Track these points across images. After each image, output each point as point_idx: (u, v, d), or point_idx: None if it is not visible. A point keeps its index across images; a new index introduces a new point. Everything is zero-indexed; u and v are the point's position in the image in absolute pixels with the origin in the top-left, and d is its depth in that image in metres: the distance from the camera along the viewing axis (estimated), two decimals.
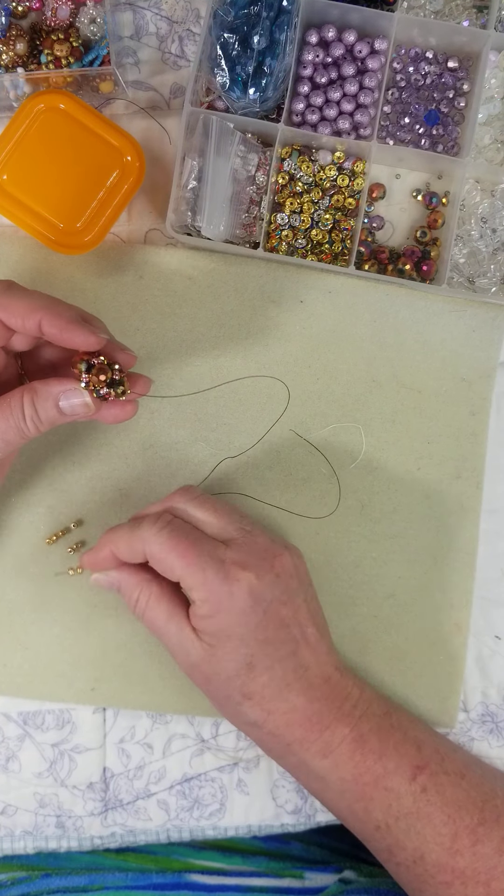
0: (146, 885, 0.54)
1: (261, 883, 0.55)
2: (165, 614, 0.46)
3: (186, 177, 0.52)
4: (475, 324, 0.55)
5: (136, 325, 0.55)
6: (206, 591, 0.44)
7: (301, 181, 0.55)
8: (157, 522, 0.45)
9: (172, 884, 0.54)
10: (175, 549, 0.44)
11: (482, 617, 0.56)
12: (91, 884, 0.54)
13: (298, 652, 0.46)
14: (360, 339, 0.55)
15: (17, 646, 0.54)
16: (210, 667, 0.45)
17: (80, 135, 0.50)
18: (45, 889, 0.53)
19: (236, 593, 0.44)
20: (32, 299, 0.42)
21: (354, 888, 0.53)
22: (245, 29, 0.51)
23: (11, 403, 0.43)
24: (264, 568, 0.45)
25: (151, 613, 0.46)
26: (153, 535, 0.45)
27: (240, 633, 0.44)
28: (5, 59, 0.53)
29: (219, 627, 0.44)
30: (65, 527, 0.55)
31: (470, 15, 0.54)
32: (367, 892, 0.52)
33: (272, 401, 0.55)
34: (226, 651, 0.45)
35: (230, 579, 0.44)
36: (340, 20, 0.54)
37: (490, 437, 0.56)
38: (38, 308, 0.42)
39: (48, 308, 0.42)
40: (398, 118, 0.55)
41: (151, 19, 0.56)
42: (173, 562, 0.44)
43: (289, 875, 0.56)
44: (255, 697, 0.45)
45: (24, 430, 0.44)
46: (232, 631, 0.44)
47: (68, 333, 0.42)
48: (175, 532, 0.45)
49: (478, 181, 0.55)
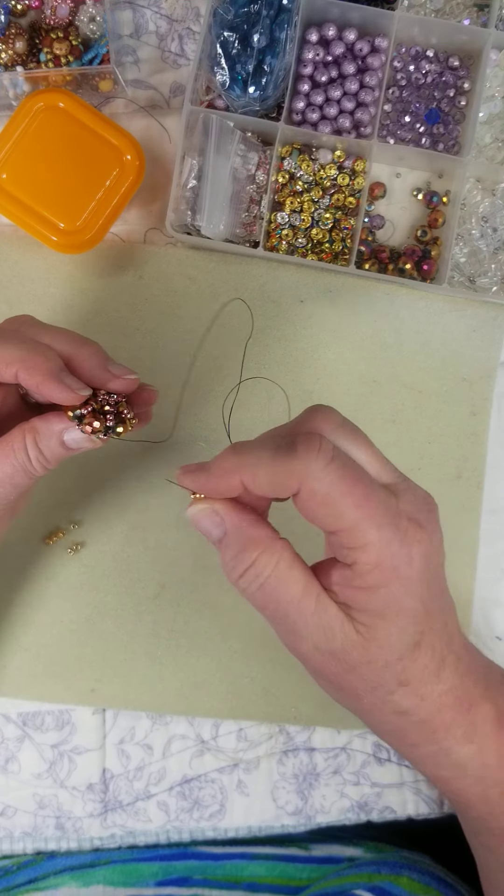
0: (152, 857, 0.54)
1: (266, 851, 0.55)
2: (301, 586, 0.35)
3: (186, 176, 0.52)
4: (476, 323, 0.55)
5: (136, 325, 0.55)
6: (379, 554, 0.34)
7: (301, 180, 0.54)
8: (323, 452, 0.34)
9: (179, 854, 0.54)
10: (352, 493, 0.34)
11: (483, 617, 0.56)
12: (97, 860, 0.54)
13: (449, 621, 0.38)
14: (361, 338, 0.55)
15: (17, 646, 0.54)
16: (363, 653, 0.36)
17: (79, 134, 0.50)
18: (51, 871, 0.53)
19: (415, 558, 0.35)
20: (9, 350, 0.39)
21: (362, 861, 0.52)
22: (245, 27, 0.51)
23: (14, 446, 0.41)
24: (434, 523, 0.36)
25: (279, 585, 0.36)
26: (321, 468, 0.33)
27: (411, 607, 0.35)
28: (4, 58, 0.53)
29: (387, 602, 0.35)
30: (63, 528, 0.54)
31: (471, 13, 0.54)
32: (374, 863, 0.51)
33: (272, 401, 0.55)
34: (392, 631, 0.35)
35: (408, 540, 0.35)
36: (341, 18, 0.54)
37: (491, 438, 0.55)
38: (14, 361, 0.38)
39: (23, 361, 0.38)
40: (399, 117, 0.54)
41: (151, 18, 0.56)
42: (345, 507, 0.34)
43: (294, 846, 0.56)
44: (412, 683, 0.37)
45: (32, 471, 0.41)
46: (402, 605, 0.35)
47: (45, 389, 0.38)
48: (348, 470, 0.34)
49: (478, 180, 0.55)
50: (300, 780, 0.55)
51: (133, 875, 0.53)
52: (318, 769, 0.56)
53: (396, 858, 0.52)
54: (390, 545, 0.34)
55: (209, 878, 0.53)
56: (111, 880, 0.52)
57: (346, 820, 0.56)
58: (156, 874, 0.53)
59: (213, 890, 0.52)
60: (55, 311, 0.55)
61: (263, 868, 0.54)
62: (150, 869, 0.53)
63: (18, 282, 0.55)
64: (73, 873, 0.53)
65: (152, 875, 0.53)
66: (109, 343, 0.55)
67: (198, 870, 0.53)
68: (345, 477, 0.34)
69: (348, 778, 0.56)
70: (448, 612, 0.38)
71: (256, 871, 0.54)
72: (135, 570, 0.54)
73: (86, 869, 0.53)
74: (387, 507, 0.35)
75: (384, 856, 0.53)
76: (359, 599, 0.35)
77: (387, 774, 0.56)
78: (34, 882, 0.53)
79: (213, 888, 0.52)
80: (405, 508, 0.35)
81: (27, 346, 0.39)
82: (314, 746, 0.56)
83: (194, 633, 0.54)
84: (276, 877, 0.53)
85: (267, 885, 0.53)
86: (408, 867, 0.50)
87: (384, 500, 0.35)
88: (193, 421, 0.55)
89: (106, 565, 0.54)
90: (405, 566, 0.34)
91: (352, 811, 0.56)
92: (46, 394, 0.39)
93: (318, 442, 0.34)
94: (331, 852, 0.55)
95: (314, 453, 0.34)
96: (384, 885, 0.48)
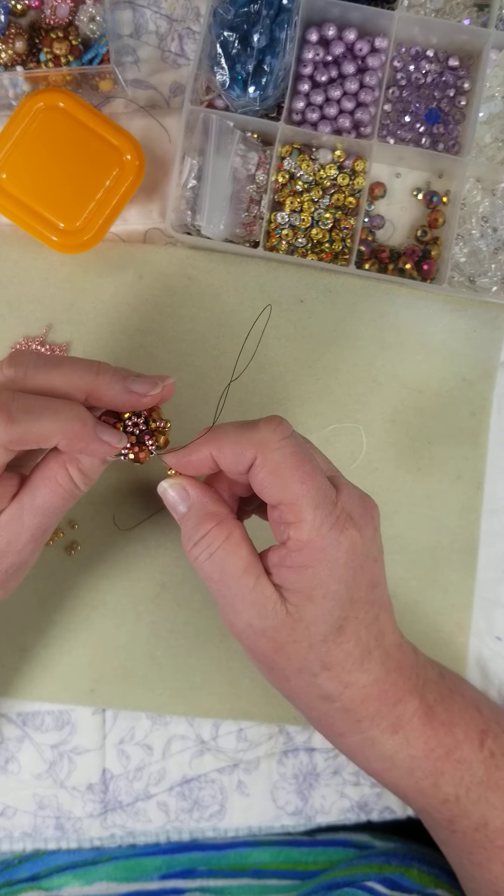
0: (155, 851, 0.54)
1: (271, 837, 0.55)
2: (244, 563, 0.39)
3: (186, 176, 0.52)
4: (476, 324, 0.55)
5: (136, 325, 0.55)
6: (310, 533, 0.37)
7: (301, 180, 0.54)
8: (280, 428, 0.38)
9: (182, 846, 0.54)
10: (299, 469, 0.37)
11: (483, 618, 0.56)
12: (100, 856, 0.54)
13: (381, 616, 0.41)
14: (361, 338, 0.55)
15: (16, 647, 0.54)
16: (290, 633, 0.39)
17: (79, 133, 0.50)
18: (53, 867, 0.53)
19: (343, 543, 0.38)
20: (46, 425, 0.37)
21: (374, 853, 0.52)
22: (245, 27, 0.51)
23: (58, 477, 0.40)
24: (366, 519, 0.39)
25: (226, 557, 0.39)
26: (276, 441, 0.37)
27: (335, 590, 0.38)
28: (4, 58, 0.53)
29: (313, 583, 0.38)
30: (62, 528, 0.54)
31: (471, 13, 0.54)
32: (384, 854, 0.51)
33: (272, 401, 0.55)
34: (317, 612, 0.38)
35: (338, 528, 0.38)
36: (341, 18, 0.54)
37: (491, 438, 0.55)
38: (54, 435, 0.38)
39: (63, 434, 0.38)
40: (399, 117, 0.54)
41: (151, 17, 0.56)
42: (292, 481, 0.37)
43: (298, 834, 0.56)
44: (335, 668, 0.40)
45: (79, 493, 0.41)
46: (328, 588, 0.38)
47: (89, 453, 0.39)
48: (301, 448, 0.38)
49: (478, 180, 0.55)
50: (300, 780, 0.55)
51: (136, 870, 0.53)
52: (318, 769, 0.56)
53: (406, 850, 0.52)
54: (321, 526, 0.37)
55: (213, 867, 0.53)
56: (114, 876, 0.52)
57: (346, 820, 0.56)
58: (159, 868, 0.53)
59: (218, 879, 0.52)
60: (55, 311, 0.55)
61: (268, 854, 0.54)
62: (153, 863, 0.53)
63: (18, 282, 0.54)
64: (74, 872, 0.53)
65: (156, 869, 0.53)
66: (109, 343, 0.55)
67: (201, 861, 0.53)
68: (296, 453, 0.38)
69: (348, 778, 0.56)
70: (381, 608, 0.42)
71: (261, 857, 0.53)
72: (135, 570, 0.54)
73: (88, 867, 0.53)
74: (326, 493, 0.38)
75: (394, 847, 0.53)
76: (290, 579, 0.38)
77: None
78: (37, 879, 0.53)
79: (218, 878, 0.52)
80: (342, 501, 0.39)
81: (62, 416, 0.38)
82: (314, 746, 0.56)
83: (194, 633, 0.54)
84: (281, 862, 0.53)
85: (273, 870, 0.53)
86: (418, 859, 0.50)
87: (325, 486, 0.38)
88: (193, 421, 0.55)
89: (105, 565, 0.54)
90: (332, 548, 0.38)
91: (352, 811, 0.56)
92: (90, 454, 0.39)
93: (279, 421, 0.39)
94: (336, 836, 0.56)
95: (273, 427, 0.38)
96: (395, 876, 0.48)
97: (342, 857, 0.53)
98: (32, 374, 0.39)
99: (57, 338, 0.55)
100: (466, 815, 0.43)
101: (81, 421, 0.38)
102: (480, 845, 0.44)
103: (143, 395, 0.40)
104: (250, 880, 0.52)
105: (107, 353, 0.55)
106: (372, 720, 0.42)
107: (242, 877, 0.52)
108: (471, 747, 0.43)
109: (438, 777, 0.43)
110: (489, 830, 0.43)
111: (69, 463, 0.40)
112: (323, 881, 0.50)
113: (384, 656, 0.41)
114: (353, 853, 0.53)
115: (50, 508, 0.40)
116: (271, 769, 0.55)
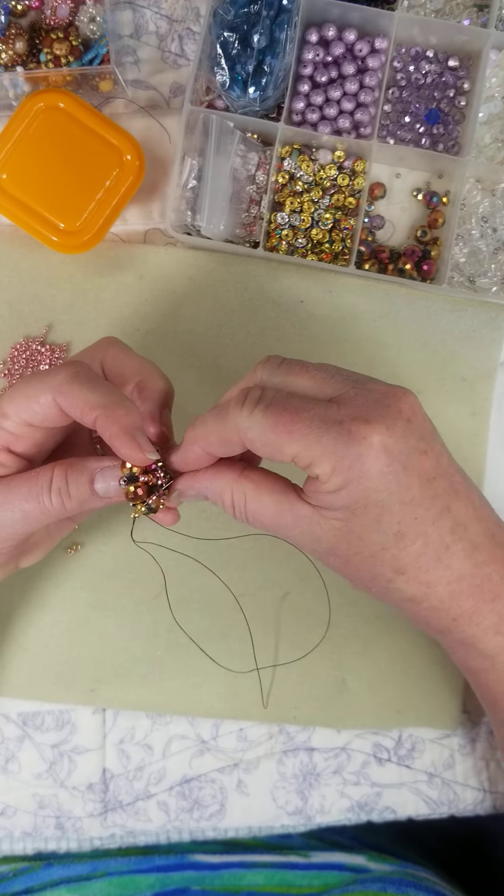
0: (149, 868, 0.53)
1: (265, 859, 0.54)
2: (273, 505, 0.39)
3: (186, 176, 0.52)
4: (476, 324, 0.55)
5: (137, 325, 0.55)
6: (329, 462, 0.36)
7: (301, 180, 0.54)
8: (246, 402, 0.37)
9: (176, 864, 0.54)
10: (278, 427, 0.36)
11: None
12: (94, 871, 0.54)
13: (452, 507, 0.38)
14: (361, 339, 0.55)
15: (17, 647, 0.54)
16: (349, 546, 0.38)
17: (79, 134, 0.50)
18: (48, 881, 0.53)
19: (366, 454, 0.36)
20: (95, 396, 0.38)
21: (370, 878, 0.52)
22: (245, 28, 0.51)
23: (40, 473, 0.40)
24: (391, 416, 0.37)
25: (256, 511, 0.39)
26: (245, 418, 0.37)
27: (380, 499, 0.36)
28: (4, 58, 0.53)
29: (353, 498, 0.36)
30: None
31: (470, 14, 0.54)
32: (380, 880, 0.50)
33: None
34: (366, 524, 0.37)
35: (355, 439, 0.36)
36: (341, 19, 0.54)
37: (491, 438, 0.55)
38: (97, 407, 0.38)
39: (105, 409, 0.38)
40: (398, 117, 0.54)
41: (151, 18, 0.56)
42: (280, 441, 0.36)
43: (293, 854, 0.55)
44: (409, 571, 0.38)
45: (46, 502, 0.40)
46: (370, 499, 0.36)
47: (117, 441, 0.38)
48: (272, 407, 0.37)
49: (478, 180, 0.55)
50: (300, 780, 0.55)
51: (130, 887, 0.52)
52: (318, 769, 0.56)
53: (401, 875, 0.51)
54: (336, 450, 0.36)
55: (207, 888, 0.52)
56: (108, 892, 0.52)
57: (345, 820, 0.56)
58: (152, 886, 0.52)
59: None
60: (55, 311, 0.55)
61: (262, 876, 0.53)
62: (146, 881, 0.53)
63: (18, 282, 0.55)
64: (69, 886, 0.52)
65: (149, 887, 0.52)
66: None
67: (195, 880, 0.53)
68: (268, 415, 0.36)
69: (348, 778, 0.56)
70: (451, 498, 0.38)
71: (255, 879, 0.53)
72: (135, 570, 0.54)
73: (82, 881, 0.53)
74: (323, 418, 0.36)
75: (389, 871, 0.52)
76: (331, 501, 0.37)
77: (387, 774, 0.56)
78: (30, 893, 0.52)
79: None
80: (349, 412, 0.36)
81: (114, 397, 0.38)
82: (314, 746, 0.56)
83: (194, 633, 0.54)
84: (275, 885, 0.53)
85: (266, 893, 0.52)
86: (413, 885, 0.49)
87: (319, 415, 0.36)
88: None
89: (106, 565, 0.54)
90: (358, 464, 0.36)
91: (352, 811, 0.56)
92: (117, 446, 0.38)
93: (243, 395, 0.37)
94: (331, 859, 0.55)
95: (238, 408, 0.37)
96: None
97: (337, 880, 0.52)
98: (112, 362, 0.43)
99: (57, 338, 0.55)
100: None
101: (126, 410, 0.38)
102: None
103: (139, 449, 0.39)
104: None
105: None
106: (469, 618, 0.39)
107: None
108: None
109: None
110: None
111: (59, 465, 0.40)
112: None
113: (470, 548, 0.39)
114: (348, 876, 0.53)
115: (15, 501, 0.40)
116: (271, 769, 0.55)
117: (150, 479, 0.40)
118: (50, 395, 0.38)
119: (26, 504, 0.40)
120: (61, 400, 0.38)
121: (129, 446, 0.38)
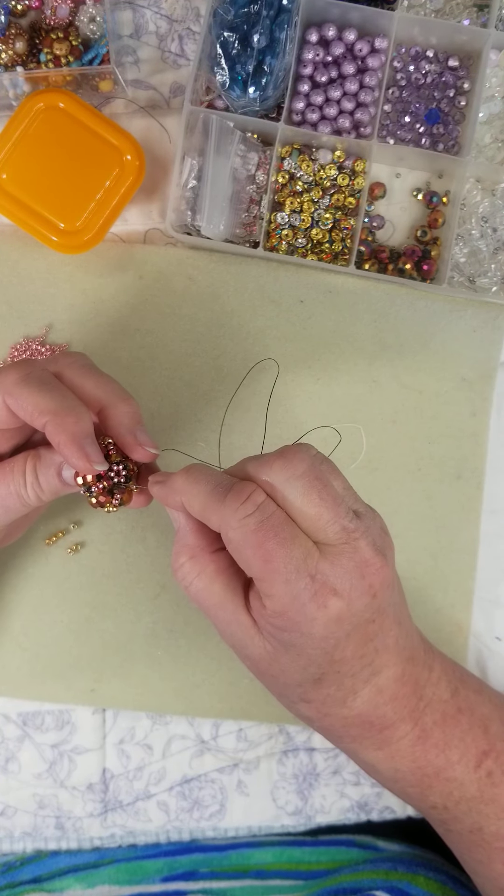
0: (157, 853, 0.54)
1: (272, 837, 0.55)
2: (219, 596, 0.38)
3: (186, 176, 0.52)
4: (476, 324, 0.55)
5: (136, 325, 0.55)
6: (284, 606, 0.36)
7: (301, 180, 0.54)
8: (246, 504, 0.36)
9: (183, 848, 0.54)
10: (260, 548, 0.35)
11: (483, 618, 0.56)
12: (101, 859, 0.54)
13: (375, 661, 0.39)
14: (361, 339, 0.55)
15: (17, 647, 0.54)
16: (269, 667, 0.39)
17: (79, 134, 0.50)
18: (55, 870, 0.53)
19: (319, 619, 0.36)
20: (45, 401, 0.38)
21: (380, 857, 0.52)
22: (245, 28, 0.51)
23: (14, 468, 0.41)
24: (360, 590, 0.37)
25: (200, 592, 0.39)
26: (237, 520, 0.36)
27: (312, 654, 0.37)
28: (4, 58, 0.53)
29: (290, 642, 0.37)
30: (64, 528, 0.54)
31: (470, 14, 0.54)
32: (390, 860, 0.51)
33: (273, 401, 0.55)
34: (291, 663, 0.38)
35: (316, 602, 0.36)
36: (341, 19, 0.54)
37: (491, 438, 0.55)
38: (46, 412, 0.38)
39: (55, 415, 0.37)
40: (398, 117, 0.54)
41: (151, 18, 0.56)
42: (254, 561, 0.36)
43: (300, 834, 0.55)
44: (314, 703, 0.40)
45: (25, 497, 0.41)
46: (303, 650, 0.37)
47: (65, 450, 0.38)
48: (264, 525, 0.36)
49: (478, 180, 0.55)
50: (300, 780, 0.56)
51: (138, 873, 0.53)
52: (317, 769, 0.56)
53: (411, 855, 0.51)
54: (296, 600, 0.35)
55: (215, 869, 0.53)
56: (116, 879, 0.52)
57: (345, 820, 0.56)
58: (161, 870, 0.53)
59: (221, 881, 0.51)
60: (55, 311, 0.55)
61: (270, 854, 0.53)
62: (154, 865, 0.53)
63: (18, 282, 0.55)
64: (76, 875, 0.53)
65: (157, 871, 0.53)
66: (109, 343, 0.55)
67: (203, 862, 0.53)
68: (258, 532, 0.35)
69: (348, 778, 0.56)
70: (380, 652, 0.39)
71: (263, 857, 0.53)
72: (135, 570, 0.54)
73: (90, 869, 0.53)
74: (299, 566, 0.35)
75: (399, 851, 0.53)
76: (268, 628, 0.37)
77: None
78: (38, 882, 0.53)
79: (220, 879, 0.52)
80: (326, 572, 0.36)
81: (65, 403, 0.38)
82: (314, 746, 0.56)
83: (194, 633, 0.54)
84: (284, 862, 0.53)
85: (276, 870, 0.52)
86: (423, 865, 0.49)
87: (299, 559, 0.36)
88: (193, 421, 0.55)
89: (106, 565, 0.54)
90: (307, 624, 0.36)
91: (352, 811, 0.56)
92: (65, 455, 0.38)
93: (247, 494, 0.36)
94: (339, 837, 0.55)
95: (236, 504, 0.36)
96: (401, 884, 0.47)
97: (345, 856, 0.53)
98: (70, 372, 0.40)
99: (57, 338, 0.55)
100: (458, 821, 0.42)
101: (76, 417, 0.38)
102: (478, 845, 0.43)
103: (142, 446, 0.41)
104: (253, 881, 0.51)
105: (107, 352, 0.55)
106: (354, 739, 0.41)
107: (245, 878, 0.52)
108: (465, 768, 0.42)
109: (425, 789, 0.42)
110: (485, 834, 0.42)
111: (31, 459, 0.41)
112: (328, 886, 0.49)
113: (375, 692, 0.40)
114: (356, 853, 0.53)
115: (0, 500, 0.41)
116: (271, 769, 0.55)
117: (106, 484, 0.40)
118: None
119: (8, 501, 0.41)
120: (10, 402, 0.38)
121: (77, 456, 0.38)
